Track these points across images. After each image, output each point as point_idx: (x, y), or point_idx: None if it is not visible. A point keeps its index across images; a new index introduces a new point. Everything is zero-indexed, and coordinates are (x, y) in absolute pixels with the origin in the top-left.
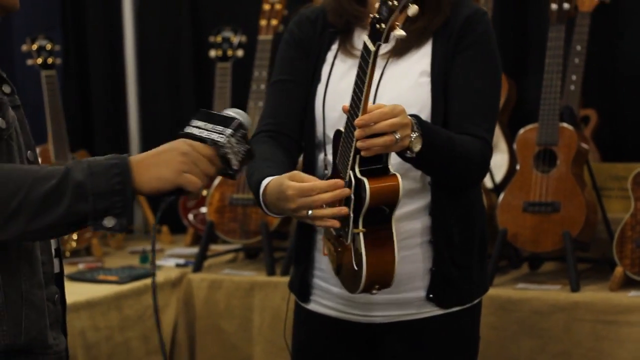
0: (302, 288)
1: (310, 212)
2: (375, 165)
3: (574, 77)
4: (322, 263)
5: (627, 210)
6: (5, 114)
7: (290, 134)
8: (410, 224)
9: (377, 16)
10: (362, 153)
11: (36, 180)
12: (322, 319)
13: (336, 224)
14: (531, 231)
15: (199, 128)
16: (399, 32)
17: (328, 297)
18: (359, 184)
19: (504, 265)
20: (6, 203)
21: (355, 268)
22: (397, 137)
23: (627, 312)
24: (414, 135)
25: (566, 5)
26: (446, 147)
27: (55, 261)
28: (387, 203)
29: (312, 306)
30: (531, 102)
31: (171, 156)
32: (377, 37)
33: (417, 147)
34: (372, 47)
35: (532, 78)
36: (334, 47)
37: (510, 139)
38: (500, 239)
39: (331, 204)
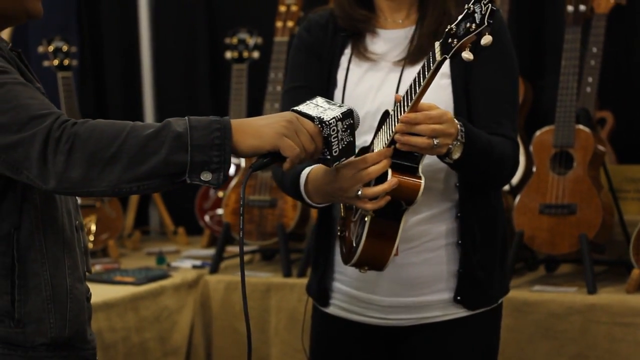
0: (321, 292)
1: (360, 191)
2: (407, 162)
3: (590, 79)
4: (342, 266)
5: None
6: None
7: None
8: (435, 226)
9: (453, 28)
10: (397, 145)
11: (134, 128)
12: (341, 322)
13: (383, 202)
14: (547, 233)
15: (310, 106)
16: (467, 55)
17: (348, 300)
18: (384, 172)
19: (520, 268)
20: (105, 148)
21: (353, 244)
22: (435, 142)
23: None
24: (455, 143)
25: (582, 7)
26: (485, 153)
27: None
28: (404, 199)
29: (331, 309)
30: (547, 104)
31: (274, 120)
32: (446, 50)
33: (456, 156)
34: (438, 57)
35: (548, 80)
36: (347, 51)
37: (526, 141)
38: (516, 241)
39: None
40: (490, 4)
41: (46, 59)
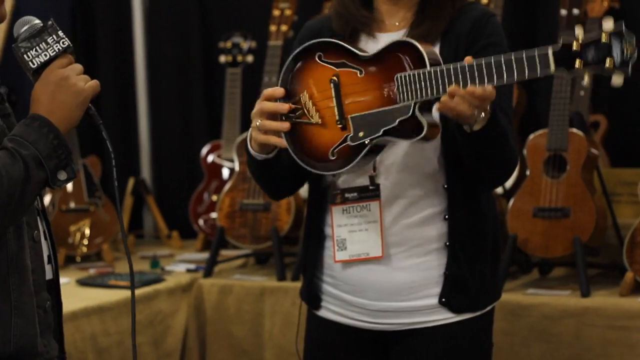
0: (312, 295)
1: (258, 122)
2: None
3: (583, 83)
4: (333, 270)
5: (637, 216)
6: None
7: None
8: (425, 230)
9: (579, 45)
10: (437, 106)
11: (7, 171)
12: (333, 326)
13: (282, 143)
14: (541, 236)
15: (32, 50)
16: (586, 81)
17: (339, 304)
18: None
19: (514, 271)
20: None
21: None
22: (475, 113)
23: (638, 317)
24: (482, 115)
25: (576, 11)
26: (502, 137)
27: (48, 268)
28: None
29: (323, 313)
30: (541, 108)
31: (54, 87)
32: (563, 63)
33: (477, 127)
34: (552, 69)
35: (541, 84)
36: None
37: (520, 144)
38: (510, 245)
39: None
40: (636, 52)
41: None
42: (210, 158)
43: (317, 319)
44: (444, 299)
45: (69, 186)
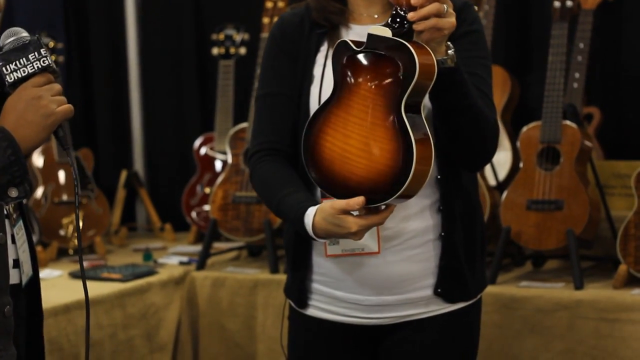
0: (300, 294)
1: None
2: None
3: (577, 75)
4: (322, 267)
5: (630, 208)
6: None
7: (286, 149)
8: (418, 222)
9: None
10: (415, 26)
11: None
12: (321, 324)
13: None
14: (534, 229)
15: (11, 64)
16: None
17: (329, 301)
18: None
19: (508, 263)
20: None
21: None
22: (445, 8)
23: (631, 310)
24: (450, 52)
25: (569, 3)
26: (470, 91)
27: (14, 272)
28: (425, 80)
29: (310, 311)
30: (534, 100)
31: (24, 105)
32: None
33: (451, 63)
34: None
35: (535, 76)
36: (323, 48)
37: (513, 136)
38: (503, 237)
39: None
40: None
41: None
42: (203, 150)
43: (302, 318)
44: (439, 290)
45: (62, 178)
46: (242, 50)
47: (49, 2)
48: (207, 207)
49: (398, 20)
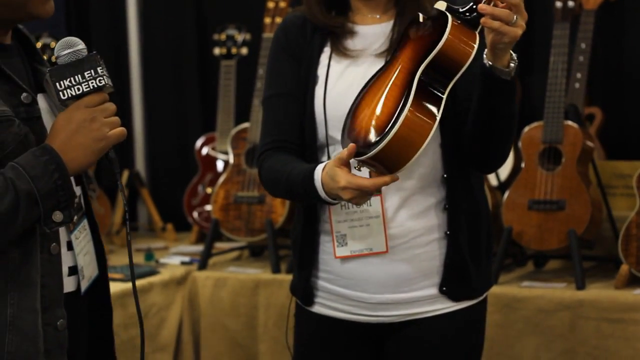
0: (306, 291)
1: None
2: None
3: (578, 75)
4: (329, 265)
5: (632, 208)
6: (1, 133)
7: (293, 147)
8: (424, 221)
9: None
10: (482, 20)
11: (1, 215)
12: (326, 321)
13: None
14: (536, 229)
15: (65, 80)
16: None
17: (335, 298)
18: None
19: (509, 264)
20: None
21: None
22: (514, 18)
23: (633, 310)
24: (513, 63)
25: (571, 3)
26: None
27: (70, 280)
28: (454, 60)
29: (316, 308)
30: (536, 100)
31: (76, 126)
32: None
33: (508, 76)
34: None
35: (536, 76)
36: (327, 49)
37: (515, 137)
38: (505, 237)
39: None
40: None
41: None
42: (204, 150)
43: (308, 315)
44: (444, 288)
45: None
46: (244, 51)
47: None
48: (208, 207)
49: (472, 6)
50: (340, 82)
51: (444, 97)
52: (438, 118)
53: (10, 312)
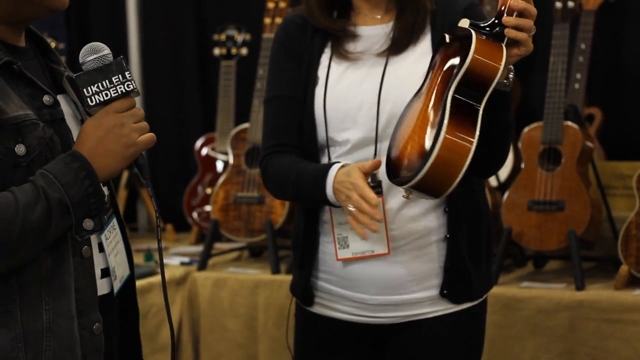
0: (306, 291)
1: (351, 207)
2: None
3: (578, 76)
4: (329, 266)
5: (631, 209)
6: (27, 137)
7: (295, 150)
8: (425, 223)
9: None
10: (506, 31)
11: (25, 213)
12: (327, 322)
13: (365, 236)
14: (536, 230)
15: (92, 86)
16: None
17: (335, 299)
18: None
19: (509, 264)
20: (6, 241)
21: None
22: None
23: (632, 310)
24: (512, 74)
25: (571, 4)
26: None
27: (103, 282)
28: (483, 76)
29: (316, 309)
30: (536, 101)
31: (104, 130)
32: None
33: (506, 87)
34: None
35: (536, 76)
36: (327, 49)
37: (514, 137)
38: (504, 238)
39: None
40: None
41: None
42: (204, 151)
43: (309, 315)
44: (445, 291)
45: None
46: (244, 51)
47: None
48: (208, 208)
49: (494, 21)
50: (341, 83)
51: (480, 110)
52: (477, 136)
53: (46, 318)
